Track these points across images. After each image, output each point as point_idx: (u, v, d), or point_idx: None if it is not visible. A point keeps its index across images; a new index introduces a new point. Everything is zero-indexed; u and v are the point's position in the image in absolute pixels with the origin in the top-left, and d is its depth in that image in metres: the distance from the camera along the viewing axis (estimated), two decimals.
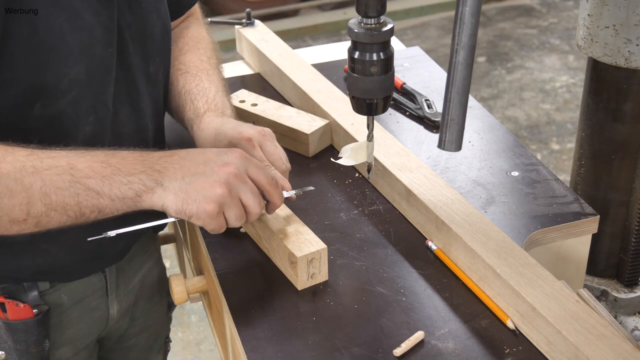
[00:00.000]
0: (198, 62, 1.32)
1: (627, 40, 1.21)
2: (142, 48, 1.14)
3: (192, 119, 1.23)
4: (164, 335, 1.52)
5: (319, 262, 1.09)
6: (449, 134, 0.97)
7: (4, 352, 1.16)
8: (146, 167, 0.99)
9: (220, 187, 0.99)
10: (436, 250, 1.15)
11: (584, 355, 0.93)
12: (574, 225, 1.21)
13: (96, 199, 0.97)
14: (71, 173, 0.96)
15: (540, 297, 1.00)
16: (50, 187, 0.95)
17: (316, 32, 4.73)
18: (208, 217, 0.99)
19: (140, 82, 1.15)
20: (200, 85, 1.27)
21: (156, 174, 0.99)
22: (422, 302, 1.08)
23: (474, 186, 1.30)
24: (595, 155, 1.34)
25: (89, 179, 0.96)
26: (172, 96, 1.29)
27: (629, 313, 1.40)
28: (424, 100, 1.52)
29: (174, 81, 1.29)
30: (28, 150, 0.96)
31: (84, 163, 0.97)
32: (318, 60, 1.72)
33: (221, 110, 1.24)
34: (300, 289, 1.10)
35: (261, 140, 1.16)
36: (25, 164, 0.94)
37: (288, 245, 1.09)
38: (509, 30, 4.66)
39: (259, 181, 1.04)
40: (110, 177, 0.97)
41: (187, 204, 0.99)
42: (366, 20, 1.01)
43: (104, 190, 0.97)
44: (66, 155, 0.97)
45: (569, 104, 3.84)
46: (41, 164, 0.95)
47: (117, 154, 1.00)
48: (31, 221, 0.95)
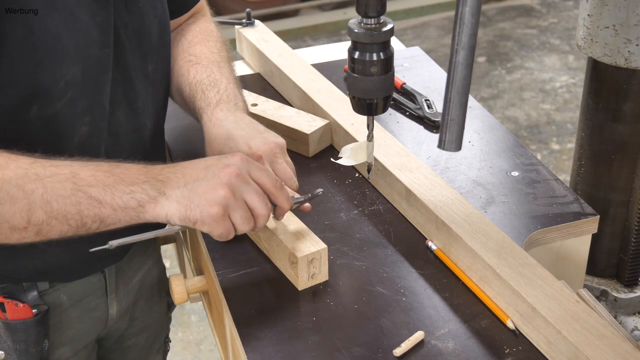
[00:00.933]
0: (209, 53, 1.30)
1: (627, 40, 1.21)
2: (139, 47, 1.14)
3: (203, 107, 1.21)
4: (163, 335, 1.52)
5: (320, 262, 1.09)
6: (449, 134, 0.97)
7: (4, 352, 1.16)
8: (149, 177, 0.98)
9: (222, 189, 0.97)
10: (436, 250, 1.15)
11: (583, 355, 0.93)
12: (574, 225, 1.21)
13: (98, 208, 0.96)
14: (73, 181, 0.95)
15: (540, 297, 1.00)
16: (52, 194, 0.94)
17: (316, 32, 4.73)
18: (213, 221, 0.97)
19: (138, 81, 1.14)
20: (212, 77, 1.25)
21: (159, 184, 0.98)
22: (422, 302, 1.08)
23: (474, 186, 1.30)
24: (595, 155, 1.34)
25: (91, 187, 0.95)
26: (183, 87, 1.27)
27: (629, 313, 1.40)
28: (424, 100, 1.52)
29: (185, 72, 1.28)
30: (32, 159, 0.95)
31: (87, 172, 0.96)
32: (318, 60, 1.72)
33: (234, 102, 1.22)
34: (300, 289, 1.10)
35: (272, 158, 1.14)
36: (28, 171, 0.93)
37: (288, 246, 1.09)
38: (509, 30, 4.66)
39: (262, 183, 1.02)
40: (112, 186, 0.96)
41: (191, 210, 0.97)
42: (366, 20, 1.01)
43: (106, 199, 0.96)
44: (70, 164, 0.97)
45: (569, 104, 3.84)
46: (44, 171, 0.94)
47: (121, 165, 0.99)
48: (32, 229, 0.95)
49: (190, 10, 1.38)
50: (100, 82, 1.06)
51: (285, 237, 1.10)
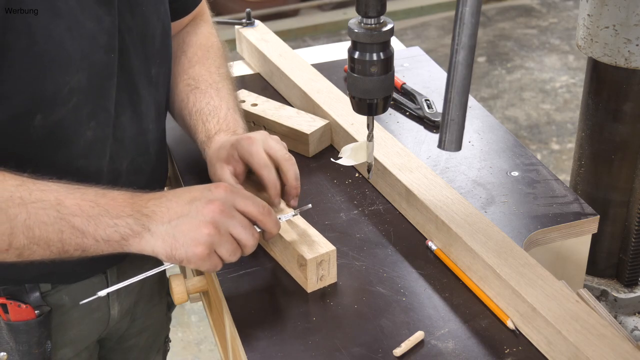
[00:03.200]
0: (207, 74, 1.30)
1: (627, 40, 1.21)
2: (143, 51, 1.13)
3: (204, 141, 1.22)
4: (163, 335, 1.52)
5: (329, 264, 1.09)
6: (449, 134, 0.97)
7: (6, 353, 1.16)
8: (134, 210, 0.97)
9: (206, 228, 0.96)
10: (436, 250, 1.15)
11: (583, 355, 0.93)
12: (574, 225, 1.21)
13: (80, 238, 0.95)
14: (57, 209, 0.94)
15: (540, 297, 1.00)
16: (35, 220, 0.93)
17: (316, 32, 4.73)
18: (199, 260, 0.97)
19: (142, 85, 1.14)
20: (211, 104, 1.25)
21: (144, 218, 0.96)
22: (422, 302, 1.08)
23: (474, 186, 1.30)
24: (595, 155, 1.34)
25: (74, 217, 0.95)
26: (184, 114, 1.28)
27: (629, 313, 1.40)
28: (424, 100, 1.52)
29: (184, 98, 1.28)
30: (19, 180, 0.95)
31: (72, 200, 0.95)
32: (318, 60, 1.72)
33: (232, 130, 1.22)
34: (309, 291, 1.09)
35: (279, 148, 1.15)
36: (13, 194, 0.93)
37: (297, 248, 1.08)
38: (509, 30, 4.66)
39: (248, 212, 1.01)
40: (96, 218, 0.95)
41: (176, 249, 0.96)
42: (366, 20, 1.01)
43: (89, 230, 0.95)
44: (56, 190, 0.96)
45: (569, 104, 3.84)
46: (29, 196, 0.93)
47: (107, 194, 0.98)
48: (13, 252, 0.95)
49: (191, 13, 1.38)
50: (105, 88, 1.06)
51: (293, 239, 1.10)
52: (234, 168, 1.15)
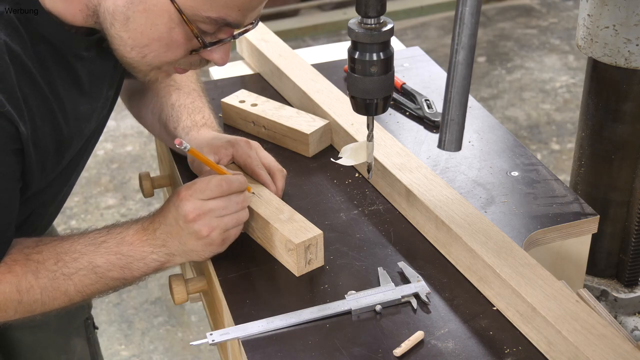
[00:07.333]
0: (188, 81, 1.38)
1: (627, 40, 1.21)
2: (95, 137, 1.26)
3: (190, 127, 1.30)
4: (80, 317, 1.52)
5: (316, 248, 1.12)
6: (449, 134, 0.97)
7: None
8: (152, 246, 1.10)
9: (203, 232, 1.08)
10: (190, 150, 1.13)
11: (583, 355, 0.93)
12: (574, 225, 1.21)
13: (123, 283, 1.11)
14: (95, 271, 1.08)
15: (540, 297, 1.00)
16: (82, 286, 1.08)
17: (316, 32, 4.72)
18: (220, 247, 1.11)
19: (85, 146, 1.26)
20: (195, 103, 1.34)
21: (163, 249, 1.10)
22: (422, 302, 1.08)
23: (474, 186, 1.30)
24: (595, 155, 1.34)
25: (110, 271, 1.09)
26: (164, 108, 1.33)
27: (629, 313, 1.40)
28: (424, 100, 1.52)
29: (166, 94, 1.34)
30: (53, 256, 1.07)
31: (101, 258, 1.08)
32: (318, 60, 1.72)
33: (217, 131, 1.31)
34: (298, 275, 1.12)
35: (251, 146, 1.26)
36: (57, 273, 1.06)
37: (284, 233, 1.11)
38: (509, 30, 4.66)
39: (215, 196, 1.09)
40: (127, 266, 1.09)
41: (199, 256, 1.11)
42: (366, 20, 1.01)
43: (126, 275, 1.10)
44: (84, 252, 1.08)
45: (569, 104, 3.84)
46: (69, 269, 1.07)
47: (125, 240, 1.10)
48: (76, 304, 1.12)
49: None
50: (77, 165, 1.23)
51: (280, 225, 1.13)
52: (220, 159, 1.24)
